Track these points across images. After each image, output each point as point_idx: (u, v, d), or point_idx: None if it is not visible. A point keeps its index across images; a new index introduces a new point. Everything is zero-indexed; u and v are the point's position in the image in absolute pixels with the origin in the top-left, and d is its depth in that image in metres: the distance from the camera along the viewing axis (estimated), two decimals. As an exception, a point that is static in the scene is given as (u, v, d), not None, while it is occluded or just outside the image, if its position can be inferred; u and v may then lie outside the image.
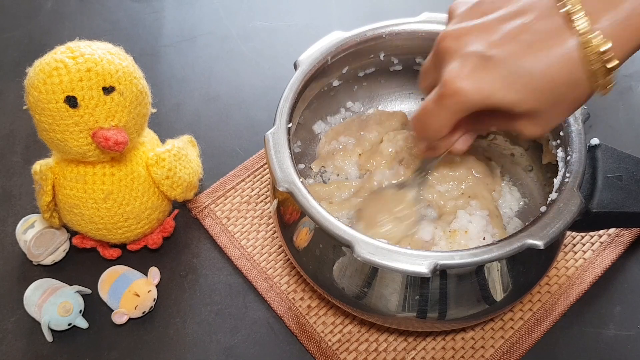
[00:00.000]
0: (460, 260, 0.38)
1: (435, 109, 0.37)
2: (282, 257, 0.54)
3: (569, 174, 0.42)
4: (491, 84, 0.35)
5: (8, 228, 0.57)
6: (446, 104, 0.36)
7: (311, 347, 0.49)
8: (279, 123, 0.45)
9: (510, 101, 0.35)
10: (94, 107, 0.44)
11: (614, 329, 0.49)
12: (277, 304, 0.51)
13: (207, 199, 0.57)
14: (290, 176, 0.42)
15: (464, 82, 0.35)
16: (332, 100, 0.56)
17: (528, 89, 0.35)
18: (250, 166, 0.60)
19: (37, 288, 0.50)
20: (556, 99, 0.35)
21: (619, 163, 0.44)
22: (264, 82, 0.68)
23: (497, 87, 0.35)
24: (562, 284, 0.51)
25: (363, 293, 0.43)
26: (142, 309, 0.50)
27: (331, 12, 0.74)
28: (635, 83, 0.66)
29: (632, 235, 0.53)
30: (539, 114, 0.36)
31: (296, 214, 0.45)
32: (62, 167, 0.49)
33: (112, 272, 0.51)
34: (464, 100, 0.35)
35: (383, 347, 0.49)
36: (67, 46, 0.45)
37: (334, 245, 0.43)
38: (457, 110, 0.37)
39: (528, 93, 0.35)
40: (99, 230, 0.50)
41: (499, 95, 0.35)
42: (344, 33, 0.51)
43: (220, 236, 0.55)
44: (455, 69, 0.36)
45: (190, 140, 0.58)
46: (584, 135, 0.44)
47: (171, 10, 0.75)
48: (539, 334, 0.48)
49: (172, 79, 0.68)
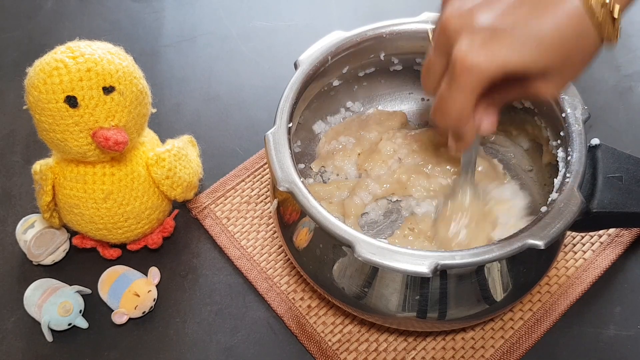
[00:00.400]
0: (461, 260, 0.38)
1: (453, 92, 0.37)
2: (282, 257, 0.54)
3: (569, 174, 0.42)
4: (504, 52, 0.35)
5: (8, 228, 0.56)
6: (462, 83, 0.37)
7: (311, 347, 0.49)
8: (279, 123, 0.45)
9: (525, 63, 0.36)
10: (94, 107, 0.44)
11: (614, 329, 0.49)
12: (277, 304, 0.51)
13: (207, 199, 0.57)
14: (291, 176, 0.42)
15: (477, 56, 0.36)
16: (332, 100, 0.56)
17: (540, 49, 0.35)
18: (250, 166, 0.60)
19: (37, 288, 0.50)
20: (568, 53, 0.36)
21: (619, 163, 0.44)
22: (264, 82, 0.68)
23: (511, 54, 0.35)
24: (562, 284, 0.51)
25: (363, 293, 0.43)
26: (142, 309, 0.50)
27: (331, 12, 0.74)
28: (635, 83, 0.66)
29: (632, 236, 0.53)
30: (554, 71, 0.37)
31: (296, 214, 0.45)
32: (62, 167, 0.49)
33: (112, 272, 0.51)
34: (479, 74, 0.36)
35: (383, 347, 0.49)
36: (67, 46, 0.45)
37: (334, 245, 0.43)
38: (474, 87, 0.37)
39: (541, 52, 0.36)
40: (99, 230, 0.50)
41: (513, 60, 0.36)
42: (344, 33, 0.51)
43: (220, 236, 0.55)
44: (465, 46, 0.36)
45: (190, 140, 0.58)
46: (585, 136, 0.44)
47: (171, 10, 0.75)
48: (539, 334, 0.48)
49: (172, 79, 0.68)
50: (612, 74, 0.67)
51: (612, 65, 0.67)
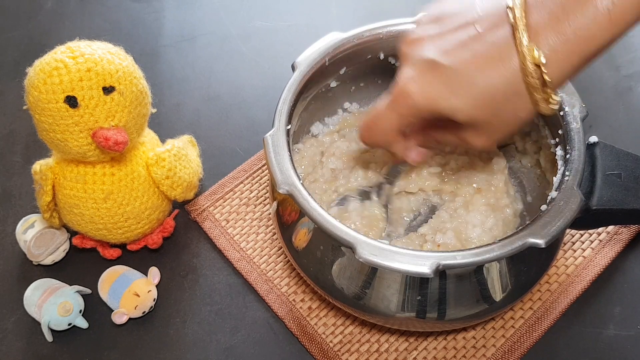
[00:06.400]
0: (462, 260, 0.37)
1: (385, 111, 0.39)
2: (282, 259, 0.54)
3: (568, 172, 0.42)
4: (437, 89, 0.36)
5: (8, 228, 0.56)
6: (395, 106, 0.38)
7: (313, 349, 0.49)
8: (277, 125, 0.45)
9: (453, 108, 0.36)
10: (94, 107, 0.44)
11: (614, 329, 0.49)
12: (278, 306, 0.51)
13: (206, 201, 0.57)
14: (291, 178, 0.42)
15: (412, 85, 0.37)
16: (330, 101, 0.56)
17: (470, 97, 0.35)
18: (248, 168, 0.59)
19: (37, 288, 0.50)
20: (496, 108, 0.36)
21: (618, 160, 0.44)
22: (264, 82, 0.68)
23: (442, 93, 0.36)
24: (562, 282, 0.51)
25: (363, 294, 0.43)
26: (142, 309, 0.50)
27: (331, 12, 0.74)
28: (635, 83, 0.66)
29: (630, 233, 0.53)
30: (482, 124, 0.37)
31: (295, 215, 0.45)
32: (62, 167, 0.49)
33: (112, 272, 0.51)
34: (412, 103, 0.37)
35: (384, 348, 0.49)
36: (67, 46, 0.45)
37: (334, 246, 0.43)
38: (404, 114, 0.38)
39: (470, 101, 0.35)
40: (99, 230, 0.50)
41: (443, 100, 0.36)
42: (342, 34, 0.51)
43: (220, 239, 0.55)
44: (406, 73, 0.37)
45: (190, 140, 0.58)
46: (583, 134, 0.44)
47: (171, 10, 0.75)
48: (540, 332, 0.48)
49: (172, 79, 0.68)
50: (612, 74, 0.67)
51: (612, 65, 0.67)
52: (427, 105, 0.36)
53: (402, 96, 0.37)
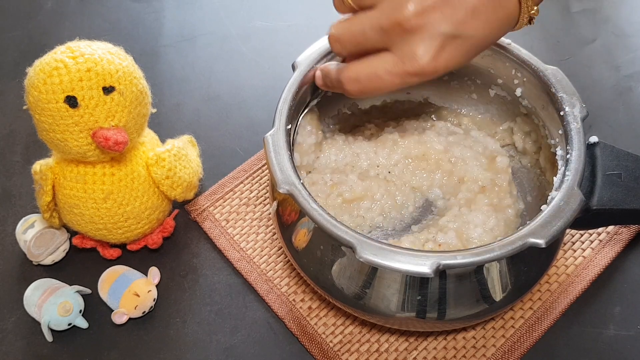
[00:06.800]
0: (463, 259, 0.37)
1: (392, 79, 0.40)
2: (282, 259, 0.54)
3: (568, 172, 0.42)
4: (458, 58, 0.39)
5: (8, 228, 0.56)
6: (407, 78, 0.39)
7: (313, 349, 0.49)
8: (277, 125, 0.45)
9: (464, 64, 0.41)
10: (94, 107, 0.44)
11: (614, 329, 0.49)
12: (278, 306, 0.51)
13: (206, 201, 0.57)
14: (291, 178, 0.42)
15: (434, 62, 0.38)
16: (329, 101, 0.55)
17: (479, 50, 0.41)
18: (248, 168, 0.59)
19: (37, 288, 0.50)
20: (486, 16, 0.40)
21: (618, 160, 0.44)
22: (264, 82, 0.68)
23: (462, 61, 0.40)
24: (562, 282, 0.51)
25: (363, 293, 0.43)
26: (142, 309, 0.50)
27: (331, 12, 0.74)
28: (635, 83, 0.66)
29: (630, 233, 0.53)
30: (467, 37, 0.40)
31: (295, 214, 0.45)
32: (62, 167, 0.49)
33: (112, 272, 0.51)
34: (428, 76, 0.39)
35: (384, 348, 0.49)
36: (67, 46, 0.45)
37: (334, 246, 0.43)
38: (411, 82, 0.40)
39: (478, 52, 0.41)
40: (99, 230, 0.50)
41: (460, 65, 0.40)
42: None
43: (220, 239, 0.55)
44: (426, 50, 0.38)
45: (190, 140, 0.58)
46: (583, 133, 0.44)
47: (171, 10, 0.75)
48: (540, 332, 0.48)
49: (172, 79, 0.68)
50: (612, 74, 0.67)
51: (612, 65, 0.67)
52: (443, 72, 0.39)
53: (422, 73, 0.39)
